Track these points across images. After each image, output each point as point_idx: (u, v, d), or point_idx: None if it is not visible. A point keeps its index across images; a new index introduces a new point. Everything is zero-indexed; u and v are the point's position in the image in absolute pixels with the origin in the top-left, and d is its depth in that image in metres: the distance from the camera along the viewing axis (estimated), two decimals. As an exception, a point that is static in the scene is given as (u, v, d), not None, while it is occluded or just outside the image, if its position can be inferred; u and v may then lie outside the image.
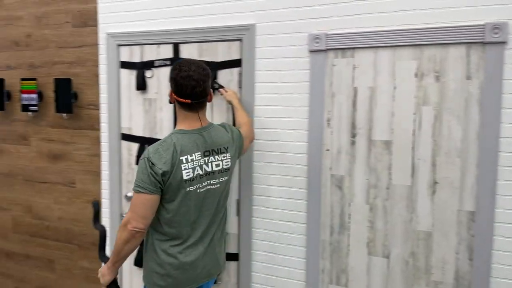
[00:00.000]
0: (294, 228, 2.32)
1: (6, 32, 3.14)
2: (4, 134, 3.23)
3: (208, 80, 1.73)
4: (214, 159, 1.75)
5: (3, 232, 3.31)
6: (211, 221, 1.81)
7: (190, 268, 1.74)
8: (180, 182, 1.67)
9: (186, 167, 1.67)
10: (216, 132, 1.81)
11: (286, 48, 2.26)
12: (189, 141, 1.71)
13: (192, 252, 1.76)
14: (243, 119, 2.15)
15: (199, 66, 1.71)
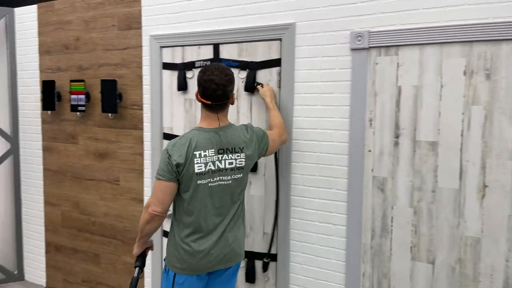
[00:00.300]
0: (333, 230, 2.28)
1: (57, 36, 3.30)
2: (54, 133, 3.39)
3: (229, 85, 1.84)
4: (227, 157, 1.86)
5: (53, 226, 3.49)
6: (223, 214, 1.91)
7: (203, 256, 1.88)
8: (192, 174, 1.82)
9: (198, 162, 1.81)
10: (233, 132, 1.90)
11: (327, 47, 2.22)
12: (205, 138, 1.84)
13: (205, 241, 1.88)
14: (275, 120, 2.17)
15: (222, 72, 1.83)
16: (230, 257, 1.95)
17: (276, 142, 2.09)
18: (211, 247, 1.89)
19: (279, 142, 2.13)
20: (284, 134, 2.18)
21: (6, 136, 3.57)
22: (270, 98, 2.26)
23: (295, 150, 2.34)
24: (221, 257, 1.92)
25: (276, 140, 2.09)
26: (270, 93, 2.28)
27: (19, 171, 3.62)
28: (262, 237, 2.48)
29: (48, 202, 3.50)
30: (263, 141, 2.00)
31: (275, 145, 2.08)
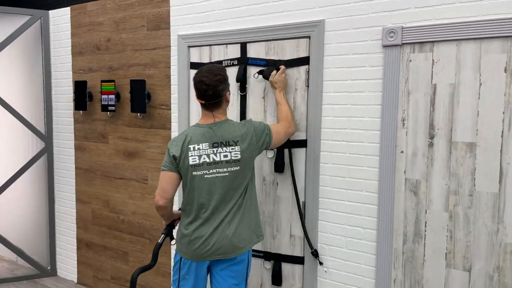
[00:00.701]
0: (363, 234, 2.20)
1: (89, 37, 3.37)
2: (86, 132, 3.47)
3: (219, 85, 1.95)
4: (222, 150, 1.96)
5: (84, 223, 3.56)
6: (221, 206, 1.98)
7: (201, 244, 1.98)
8: (188, 166, 1.97)
9: (192, 154, 1.96)
10: (227, 127, 2.00)
11: (358, 44, 2.15)
12: (199, 133, 1.99)
13: (202, 230, 1.99)
14: (282, 114, 2.21)
15: (212, 73, 1.95)
16: (227, 249, 1.99)
17: (281, 134, 2.12)
18: (208, 236, 1.98)
19: (285, 134, 2.15)
20: (291, 127, 2.19)
21: (41, 135, 3.67)
22: (279, 89, 2.25)
23: (323, 151, 2.28)
24: (218, 247, 1.98)
25: (281, 132, 2.12)
26: (281, 84, 2.26)
27: (53, 169, 3.73)
28: (289, 239, 2.43)
29: (79, 200, 3.58)
30: (264, 135, 2.04)
31: (279, 137, 2.11)
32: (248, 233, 2.04)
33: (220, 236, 1.98)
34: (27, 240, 3.94)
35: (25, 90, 3.86)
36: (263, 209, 2.51)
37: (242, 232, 2.01)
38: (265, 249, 2.52)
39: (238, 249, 2.02)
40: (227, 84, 2.02)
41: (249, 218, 2.04)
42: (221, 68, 2.02)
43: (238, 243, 2.01)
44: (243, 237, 2.02)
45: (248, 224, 2.04)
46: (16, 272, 3.85)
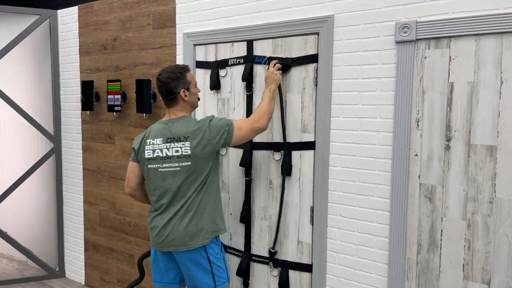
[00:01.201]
0: (374, 242, 2.07)
1: (96, 37, 3.32)
2: (93, 132, 3.42)
3: (170, 82, 2.06)
4: (174, 145, 2.04)
5: (92, 225, 3.52)
6: (175, 200, 2.05)
7: (157, 234, 2.09)
8: (144, 159, 2.10)
9: (148, 148, 2.09)
10: (182, 123, 2.06)
11: (369, 40, 2.02)
12: (157, 129, 2.10)
13: (158, 220, 2.09)
14: (257, 108, 2.15)
15: (167, 72, 2.09)
16: (179, 242, 2.04)
17: (244, 130, 2.07)
18: (161, 227, 2.07)
19: (250, 130, 2.09)
20: (260, 122, 2.10)
21: (49, 136, 3.65)
22: (267, 85, 2.18)
23: (333, 153, 2.16)
24: (170, 239, 2.05)
25: (245, 128, 2.08)
26: (268, 79, 2.18)
27: (61, 170, 3.70)
28: (296, 246, 2.32)
29: (87, 201, 3.54)
30: (221, 131, 2.03)
31: (241, 133, 2.07)
32: (200, 230, 2.04)
33: (173, 229, 2.04)
34: (35, 240, 3.92)
35: (34, 91, 3.85)
36: (270, 214, 2.40)
37: (192, 229, 2.03)
38: (272, 255, 2.41)
39: (189, 245, 2.03)
40: (182, 82, 2.07)
41: (203, 215, 2.05)
42: (179, 66, 2.12)
43: (189, 239, 2.03)
44: (194, 234, 2.03)
45: (201, 220, 2.04)
46: (25, 273, 3.84)
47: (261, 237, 2.45)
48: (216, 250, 2.10)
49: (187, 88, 2.09)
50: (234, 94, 2.50)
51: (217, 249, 2.11)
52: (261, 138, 2.40)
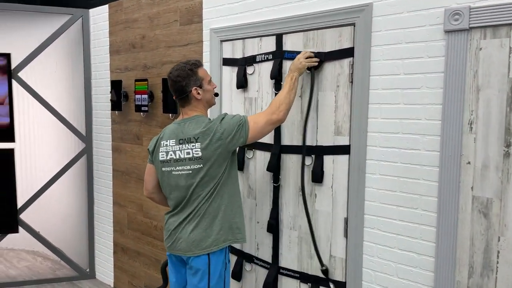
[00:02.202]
0: (418, 261, 1.81)
1: (125, 35, 3.25)
2: (121, 133, 3.36)
3: (181, 80, 1.94)
4: (185, 147, 1.93)
5: (120, 227, 3.46)
6: (186, 204, 1.97)
7: (168, 236, 2.04)
8: (158, 162, 2.02)
9: (162, 150, 2.00)
10: (191, 123, 1.96)
11: (413, 30, 1.77)
12: (171, 130, 2.01)
13: (170, 222, 2.04)
14: (274, 99, 1.99)
15: (178, 69, 1.97)
16: (185, 247, 1.97)
17: (260, 125, 1.93)
18: (173, 229, 2.01)
19: (267, 123, 1.94)
20: (277, 113, 1.93)
21: (81, 136, 3.63)
22: (290, 72, 2.00)
23: (370, 159, 1.92)
24: (178, 243, 1.98)
25: (261, 122, 1.93)
26: (293, 66, 2.00)
27: (92, 170, 3.67)
28: (328, 260, 2.10)
29: (116, 202, 3.48)
30: (235, 129, 1.90)
31: (258, 128, 1.93)
32: (208, 237, 1.94)
33: (182, 233, 1.98)
34: (67, 241, 3.93)
35: (68, 91, 3.85)
36: (300, 224, 2.20)
37: (199, 235, 1.94)
38: (301, 269, 2.21)
39: (192, 251, 1.96)
40: (193, 79, 1.95)
41: (214, 220, 1.94)
42: (189, 62, 1.99)
43: (193, 246, 1.96)
44: (201, 240, 1.94)
45: (210, 226, 1.94)
46: (57, 273, 3.86)
47: (290, 249, 2.25)
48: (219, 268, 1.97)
49: (199, 85, 1.97)
50: (262, 93, 2.31)
51: (221, 267, 1.98)
52: (290, 141, 2.20)
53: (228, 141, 1.89)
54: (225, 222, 1.96)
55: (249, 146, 2.37)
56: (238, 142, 1.91)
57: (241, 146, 1.99)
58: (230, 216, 1.98)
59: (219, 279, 1.99)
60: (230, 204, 1.97)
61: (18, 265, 4.00)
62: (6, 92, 3.33)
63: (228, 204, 1.97)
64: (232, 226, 1.98)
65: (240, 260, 2.50)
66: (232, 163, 1.98)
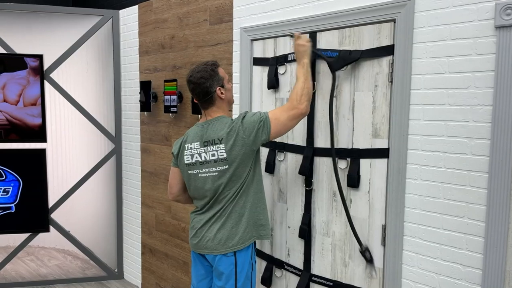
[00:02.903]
0: (463, 274, 1.69)
1: (154, 35, 3.23)
2: (150, 134, 3.34)
3: (204, 82, 1.92)
4: (210, 149, 1.92)
5: (148, 228, 3.45)
6: (211, 205, 1.97)
7: (194, 234, 2.04)
8: (184, 165, 2.01)
9: (186, 153, 1.99)
10: (214, 125, 1.95)
11: (460, 26, 1.65)
12: (194, 132, 2.00)
13: (196, 221, 2.04)
14: (291, 92, 1.94)
15: (199, 72, 1.94)
16: (212, 245, 1.97)
17: (282, 120, 1.88)
18: (199, 227, 2.01)
19: (289, 118, 1.88)
20: (299, 106, 1.87)
21: (111, 137, 3.65)
22: (299, 60, 1.96)
23: (411, 163, 1.81)
24: (204, 242, 1.98)
25: (282, 118, 1.88)
26: (304, 54, 1.95)
27: (121, 171, 3.68)
28: (364, 270, 2.00)
29: (144, 203, 3.47)
30: (256, 127, 1.87)
31: (280, 124, 1.88)
32: (235, 235, 1.94)
33: (208, 231, 1.98)
34: (97, 240, 3.96)
35: (98, 92, 3.88)
36: (333, 230, 2.10)
37: (227, 234, 1.95)
38: (335, 278, 2.11)
39: (219, 250, 1.96)
40: (216, 79, 1.94)
41: (241, 219, 1.95)
42: (209, 63, 1.98)
43: (219, 245, 1.95)
44: (228, 238, 1.94)
45: (237, 225, 1.94)
46: (87, 272, 3.89)
47: (323, 256, 2.16)
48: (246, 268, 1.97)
49: (221, 85, 1.97)
50: (294, 94, 2.23)
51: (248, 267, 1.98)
52: (324, 143, 2.11)
53: (251, 140, 1.88)
54: (251, 219, 1.96)
55: (280, 148, 2.30)
56: (261, 140, 1.89)
57: (265, 143, 1.94)
58: (255, 213, 1.98)
59: (246, 280, 1.98)
60: (255, 202, 1.98)
61: (49, 264, 4.06)
62: (39, 93, 3.37)
63: (253, 202, 1.97)
64: (256, 223, 1.99)
65: (270, 266, 2.43)
66: (257, 161, 1.99)
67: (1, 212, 3.41)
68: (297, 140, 2.23)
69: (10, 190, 3.41)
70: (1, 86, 3.32)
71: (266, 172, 2.39)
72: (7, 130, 3.35)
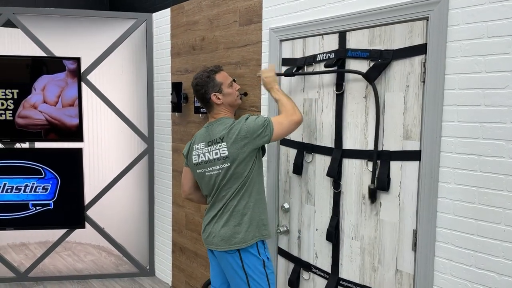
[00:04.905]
0: (499, 283, 1.61)
1: (186, 37, 3.29)
2: (181, 134, 3.40)
3: (200, 89, 2.08)
4: (213, 148, 2.03)
5: (179, 227, 3.50)
6: (215, 201, 2.08)
7: (203, 230, 2.16)
8: (192, 165, 2.13)
9: (194, 154, 2.12)
10: (216, 125, 2.06)
11: (497, 23, 1.57)
12: (201, 133, 2.13)
13: (206, 217, 2.15)
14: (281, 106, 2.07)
15: (196, 78, 2.10)
16: (217, 241, 2.05)
17: (284, 124, 2.00)
18: (207, 223, 2.12)
19: (289, 123, 2.01)
20: (295, 114, 2.02)
21: (143, 137, 3.74)
22: (270, 87, 2.15)
23: (444, 167, 1.74)
24: (211, 237, 2.08)
25: (285, 122, 2.00)
26: (271, 82, 2.14)
27: (153, 170, 3.76)
28: (394, 275, 1.94)
29: (175, 202, 3.53)
30: (260, 128, 1.96)
31: (282, 127, 2.00)
32: (237, 233, 2.01)
33: (213, 227, 2.08)
34: (129, 238, 4.07)
35: (132, 93, 3.99)
36: (362, 234, 2.06)
37: (229, 231, 2.02)
38: (363, 282, 2.06)
39: (222, 246, 2.03)
40: (211, 86, 2.06)
41: (243, 217, 2.02)
42: (207, 70, 2.10)
43: (223, 242, 2.03)
44: (230, 236, 2.02)
45: (239, 223, 2.02)
46: (120, 268, 4.00)
47: (351, 260, 2.11)
48: (255, 263, 2.03)
49: (218, 90, 2.07)
50: (322, 94, 2.20)
51: (257, 263, 2.03)
52: (353, 145, 2.07)
53: (253, 138, 1.96)
54: (253, 219, 2.03)
55: (309, 150, 2.28)
56: (263, 140, 1.98)
57: (265, 143, 2.02)
58: (257, 213, 2.05)
59: (261, 275, 2.03)
60: (257, 202, 2.05)
61: (84, 259, 4.21)
62: (76, 95, 3.50)
63: (256, 202, 2.04)
64: (259, 223, 2.05)
65: (298, 268, 2.40)
66: (259, 161, 2.06)
67: (40, 208, 3.56)
68: (326, 141, 2.20)
69: (49, 188, 3.57)
70: (42, 87, 3.47)
71: (293, 174, 2.38)
72: (46, 130, 3.50)
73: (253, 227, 2.03)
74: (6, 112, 3.43)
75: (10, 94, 3.42)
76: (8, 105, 3.43)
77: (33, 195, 3.55)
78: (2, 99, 3.41)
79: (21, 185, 3.53)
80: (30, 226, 3.65)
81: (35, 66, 3.46)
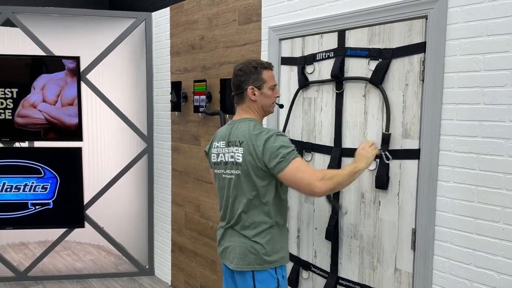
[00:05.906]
0: (498, 281, 1.61)
1: (185, 37, 3.28)
2: (181, 133, 3.40)
3: (242, 75, 1.85)
4: (231, 150, 1.84)
5: (178, 227, 3.50)
6: (230, 210, 1.87)
7: (218, 243, 1.97)
8: (212, 163, 1.96)
9: (213, 152, 1.93)
10: (240, 126, 1.85)
11: (497, 21, 1.57)
12: (223, 130, 1.92)
13: (219, 230, 1.96)
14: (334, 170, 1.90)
15: (242, 63, 1.88)
16: (230, 258, 1.86)
17: (299, 176, 1.67)
18: (220, 237, 1.95)
19: (308, 183, 1.66)
20: (323, 183, 1.65)
21: (143, 136, 3.73)
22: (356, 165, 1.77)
23: (443, 165, 1.74)
24: (226, 253, 1.90)
25: (304, 176, 1.67)
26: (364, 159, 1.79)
27: (153, 169, 3.76)
28: (393, 274, 1.94)
29: (174, 202, 3.53)
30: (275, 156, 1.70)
31: (294, 175, 1.68)
32: (249, 253, 1.80)
33: (226, 242, 1.90)
34: (129, 237, 4.06)
35: (132, 92, 3.99)
36: (361, 233, 2.05)
37: (242, 250, 1.82)
38: (362, 281, 2.06)
39: (238, 265, 1.83)
40: (254, 78, 1.83)
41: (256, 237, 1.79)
42: (257, 61, 1.88)
43: (238, 260, 1.83)
44: (244, 254, 1.81)
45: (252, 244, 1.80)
46: (119, 267, 4.00)
47: (351, 259, 2.11)
48: (266, 281, 1.79)
49: (258, 86, 1.83)
50: (321, 93, 2.20)
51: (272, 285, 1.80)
52: (352, 143, 2.06)
53: (262, 161, 1.73)
54: (270, 241, 1.80)
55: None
56: (269, 166, 1.72)
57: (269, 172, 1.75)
58: (275, 236, 1.82)
59: None
60: (276, 226, 1.82)
61: (84, 259, 4.21)
62: (75, 94, 3.49)
63: (273, 224, 1.81)
64: (275, 247, 1.82)
65: (297, 267, 2.40)
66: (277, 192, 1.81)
67: (40, 207, 3.56)
68: (325, 140, 2.19)
69: (48, 187, 3.56)
70: (41, 87, 3.47)
71: (293, 173, 2.37)
72: (46, 129, 3.50)
73: (268, 250, 1.80)
74: (6, 111, 3.43)
75: (9, 93, 3.42)
76: (7, 104, 3.43)
77: (32, 194, 3.54)
78: (2, 98, 3.41)
79: (21, 184, 3.53)
80: (29, 225, 3.65)
81: (35, 65, 3.45)
